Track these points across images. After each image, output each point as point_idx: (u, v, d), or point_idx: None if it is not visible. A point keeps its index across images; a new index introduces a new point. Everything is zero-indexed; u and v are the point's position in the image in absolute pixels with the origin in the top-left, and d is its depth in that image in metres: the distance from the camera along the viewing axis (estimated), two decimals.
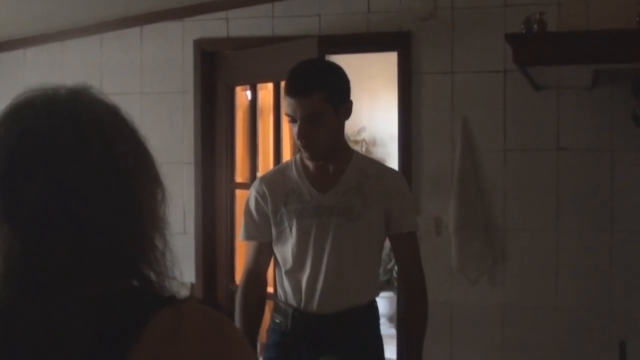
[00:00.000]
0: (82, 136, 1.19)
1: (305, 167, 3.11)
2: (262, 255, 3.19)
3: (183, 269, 1.31)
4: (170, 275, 1.26)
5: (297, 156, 3.16)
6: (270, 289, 3.65)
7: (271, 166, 4.61)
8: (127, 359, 1.11)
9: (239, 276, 4.75)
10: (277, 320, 3.15)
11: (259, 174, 4.74)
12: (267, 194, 3.12)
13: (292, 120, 2.96)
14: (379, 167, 3.28)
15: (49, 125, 1.19)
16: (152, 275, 1.24)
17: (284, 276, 3.13)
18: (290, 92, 2.94)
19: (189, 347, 1.15)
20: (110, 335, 1.13)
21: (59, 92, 1.25)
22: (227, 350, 1.19)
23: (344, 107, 3.02)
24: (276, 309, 3.19)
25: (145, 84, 5.11)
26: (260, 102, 5.22)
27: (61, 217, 1.17)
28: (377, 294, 3.23)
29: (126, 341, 1.12)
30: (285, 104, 2.97)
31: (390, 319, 7.26)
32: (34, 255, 1.17)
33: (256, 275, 3.20)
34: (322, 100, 2.91)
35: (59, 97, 1.24)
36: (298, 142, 3.00)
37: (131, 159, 1.24)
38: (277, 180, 3.16)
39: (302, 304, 3.07)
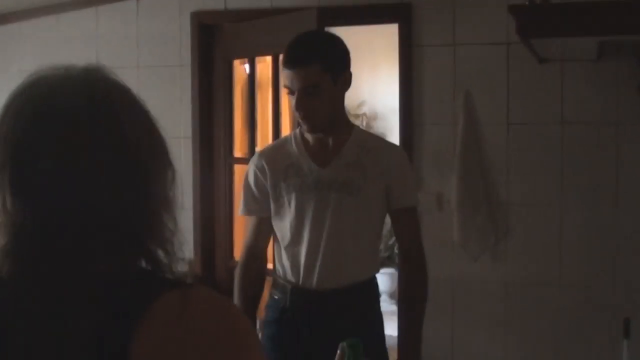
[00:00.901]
0: (94, 115, 1.20)
1: (305, 141, 3.09)
2: (262, 230, 3.18)
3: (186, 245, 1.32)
4: (179, 255, 1.26)
5: (297, 130, 3.14)
6: (270, 266, 3.62)
7: (270, 141, 4.59)
8: (131, 338, 1.11)
9: (237, 252, 4.75)
10: (276, 297, 3.14)
11: (258, 148, 4.71)
12: (266, 168, 3.10)
13: (291, 92, 2.94)
14: (379, 141, 3.26)
15: (62, 103, 1.20)
16: (161, 254, 1.24)
17: (282, 252, 3.11)
18: (287, 63, 2.93)
19: (193, 331, 1.14)
20: (115, 313, 1.13)
21: (71, 71, 1.26)
22: (232, 338, 1.18)
23: (343, 77, 2.99)
24: (275, 285, 3.17)
25: (141, 58, 5.07)
26: (259, 75, 5.18)
27: (71, 194, 1.17)
28: (378, 270, 3.21)
29: (131, 320, 1.12)
30: (283, 76, 2.96)
31: (391, 296, 7.26)
32: (44, 231, 1.18)
33: (256, 251, 3.20)
34: (319, 70, 2.88)
35: (71, 76, 1.25)
36: (296, 114, 2.98)
37: (142, 139, 1.25)
38: (277, 154, 3.14)
39: (301, 280, 3.05)
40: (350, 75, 3.02)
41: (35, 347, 1.14)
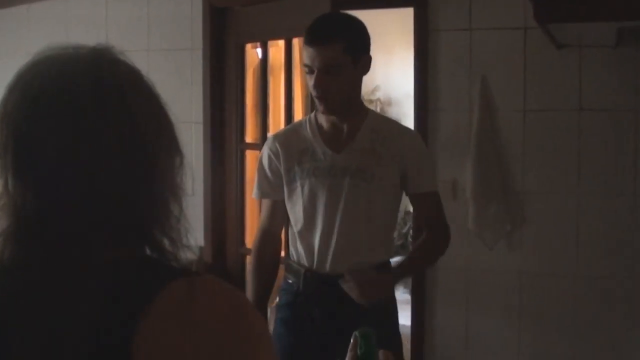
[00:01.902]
0: (101, 98, 1.18)
1: (319, 126, 3.10)
2: (276, 213, 3.21)
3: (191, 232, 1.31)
4: (184, 242, 1.25)
5: (312, 115, 3.16)
6: (283, 253, 3.60)
7: (282, 126, 4.55)
8: (134, 329, 1.09)
9: (249, 239, 4.74)
10: (290, 281, 3.16)
11: (270, 134, 4.67)
12: (280, 151, 3.12)
13: (310, 70, 2.94)
14: (394, 126, 3.26)
15: (68, 83, 1.19)
16: (166, 242, 1.23)
17: (296, 236, 3.13)
18: (309, 40, 2.92)
19: (199, 322, 1.11)
20: (119, 301, 1.11)
21: (80, 52, 1.25)
22: (239, 329, 1.14)
23: (363, 60, 2.99)
24: (288, 269, 3.19)
25: (152, 41, 5.04)
26: (271, 59, 5.14)
27: (74, 177, 1.16)
28: (392, 256, 3.22)
29: (135, 310, 1.10)
30: (304, 54, 2.96)
31: (404, 285, 7.20)
32: (46, 215, 1.16)
33: (270, 234, 3.24)
34: (341, 50, 2.89)
35: (79, 56, 1.24)
36: (313, 93, 2.97)
37: (150, 123, 1.23)
38: (291, 138, 3.16)
39: (315, 264, 3.07)
40: (370, 59, 3.03)
41: (36, 334, 1.12)
